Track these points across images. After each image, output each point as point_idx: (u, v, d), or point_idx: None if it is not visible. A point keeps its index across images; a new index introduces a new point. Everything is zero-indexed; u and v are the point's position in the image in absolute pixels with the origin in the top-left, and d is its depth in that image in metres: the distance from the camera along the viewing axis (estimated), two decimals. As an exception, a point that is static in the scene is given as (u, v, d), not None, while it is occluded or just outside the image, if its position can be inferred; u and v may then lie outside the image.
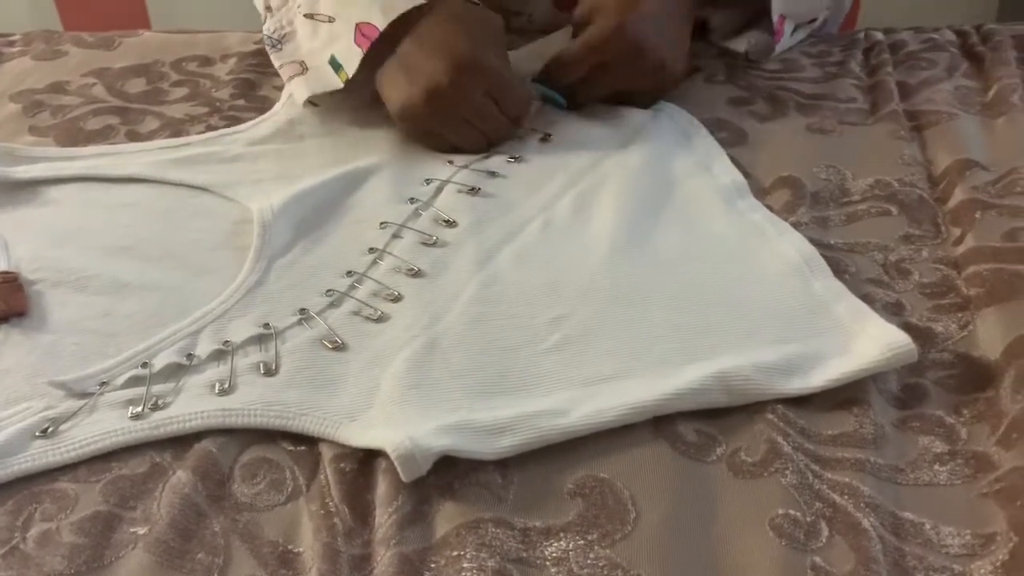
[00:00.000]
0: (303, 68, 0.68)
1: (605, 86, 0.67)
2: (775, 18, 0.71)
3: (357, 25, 0.64)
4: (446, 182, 0.62)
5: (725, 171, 0.63)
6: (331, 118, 0.69)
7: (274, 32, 0.69)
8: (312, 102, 0.68)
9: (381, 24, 0.62)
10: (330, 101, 0.68)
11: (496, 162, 0.64)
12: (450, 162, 0.64)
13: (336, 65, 0.65)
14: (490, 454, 0.43)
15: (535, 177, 0.63)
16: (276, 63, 0.69)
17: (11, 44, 0.84)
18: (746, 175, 0.63)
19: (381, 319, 0.52)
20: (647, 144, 0.65)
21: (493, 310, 0.52)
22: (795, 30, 0.77)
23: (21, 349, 0.51)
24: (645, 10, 0.64)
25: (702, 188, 0.61)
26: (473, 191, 0.61)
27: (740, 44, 0.77)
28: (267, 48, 0.70)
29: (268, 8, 0.71)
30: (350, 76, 0.64)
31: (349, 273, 0.55)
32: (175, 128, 0.71)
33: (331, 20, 0.65)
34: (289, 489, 0.44)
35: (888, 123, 0.67)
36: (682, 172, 0.63)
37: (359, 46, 0.63)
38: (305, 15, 0.67)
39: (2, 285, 0.54)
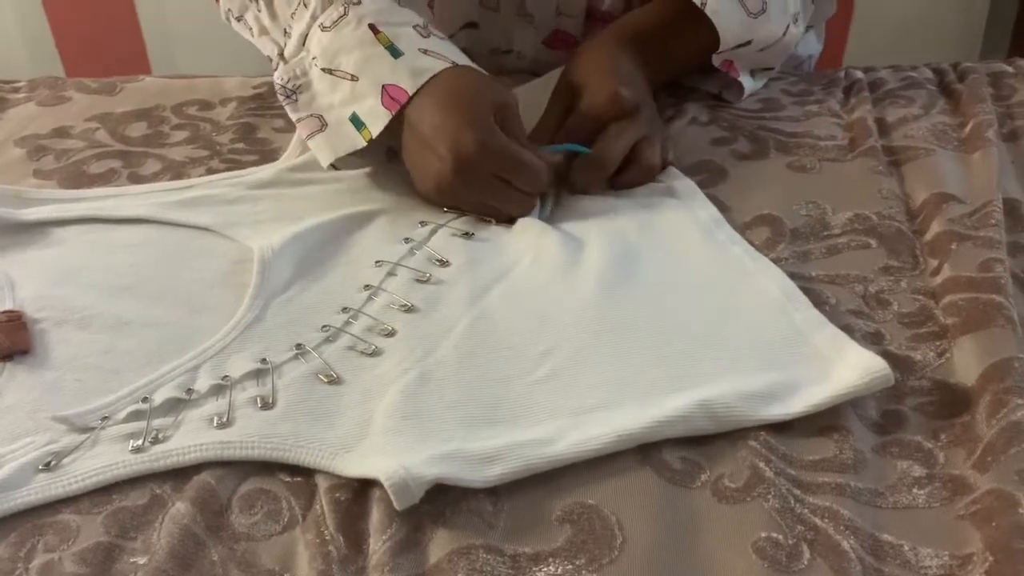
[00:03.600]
0: (322, 124, 0.67)
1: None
2: (716, 62, 0.74)
3: (384, 87, 0.64)
4: (440, 226, 0.64)
5: (701, 206, 0.64)
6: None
7: (287, 82, 0.69)
8: (334, 166, 0.67)
9: (410, 88, 0.63)
10: (349, 160, 0.67)
11: None
12: (446, 209, 0.66)
13: (358, 124, 0.65)
14: (481, 482, 0.44)
15: (526, 223, 0.64)
16: (292, 116, 0.68)
17: (16, 90, 0.87)
18: (725, 211, 0.64)
19: (375, 353, 0.53)
20: (625, 191, 0.67)
21: (484, 344, 0.53)
22: (753, 75, 0.79)
23: (25, 385, 0.52)
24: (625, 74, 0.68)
25: (682, 223, 0.63)
26: (467, 235, 0.63)
27: (712, 85, 0.79)
28: (280, 98, 0.69)
29: (281, 56, 0.71)
30: (374, 136, 0.64)
31: (344, 309, 0.57)
32: (176, 171, 0.73)
33: (354, 79, 0.65)
34: (286, 519, 0.45)
35: (867, 159, 0.69)
36: (661, 208, 0.65)
37: (387, 108, 0.63)
38: (323, 69, 0.66)
39: (6, 323, 0.55)
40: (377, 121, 0.64)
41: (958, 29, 1.58)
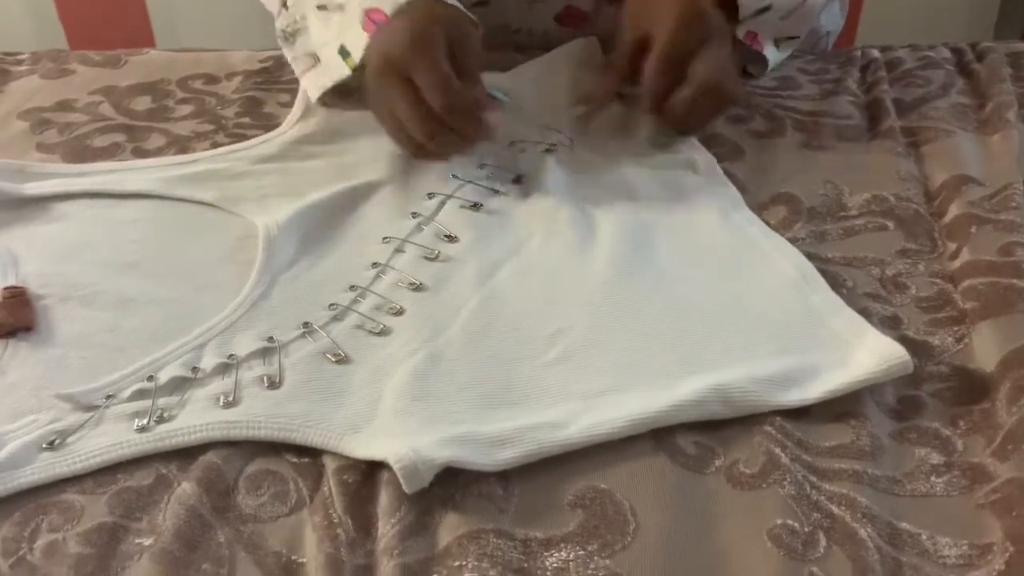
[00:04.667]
0: (315, 61, 0.68)
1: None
2: (740, 34, 0.72)
3: (365, 11, 0.63)
4: (448, 197, 0.63)
5: (720, 183, 0.63)
6: (336, 137, 0.70)
7: (287, 27, 0.70)
8: (325, 103, 0.68)
9: (389, 10, 0.62)
10: (344, 104, 0.68)
11: (499, 179, 0.65)
12: (455, 176, 0.65)
13: (345, 53, 0.65)
14: (491, 466, 0.44)
15: (537, 195, 0.63)
16: (288, 56, 0.70)
17: (19, 63, 0.85)
18: (743, 191, 0.63)
19: (384, 332, 0.52)
20: (645, 162, 0.66)
21: (494, 324, 0.52)
22: (778, 46, 0.76)
23: (28, 363, 0.51)
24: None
25: (699, 201, 0.62)
26: (475, 207, 0.62)
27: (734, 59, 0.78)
28: (279, 43, 0.71)
29: (284, 4, 0.72)
30: (356, 63, 0.64)
31: (352, 287, 0.56)
32: (181, 145, 0.72)
33: (342, 8, 0.65)
34: (293, 500, 0.44)
35: (885, 139, 0.68)
36: (679, 184, 0.64)
37: (366, 31, 0.63)
38: (318, 6, 0.67)
39: (10, 300, 0.54)
40: (358, 45, 0.63)
41: (971, 8, 1.57)
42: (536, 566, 0.40)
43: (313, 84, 0.67)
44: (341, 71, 0.65)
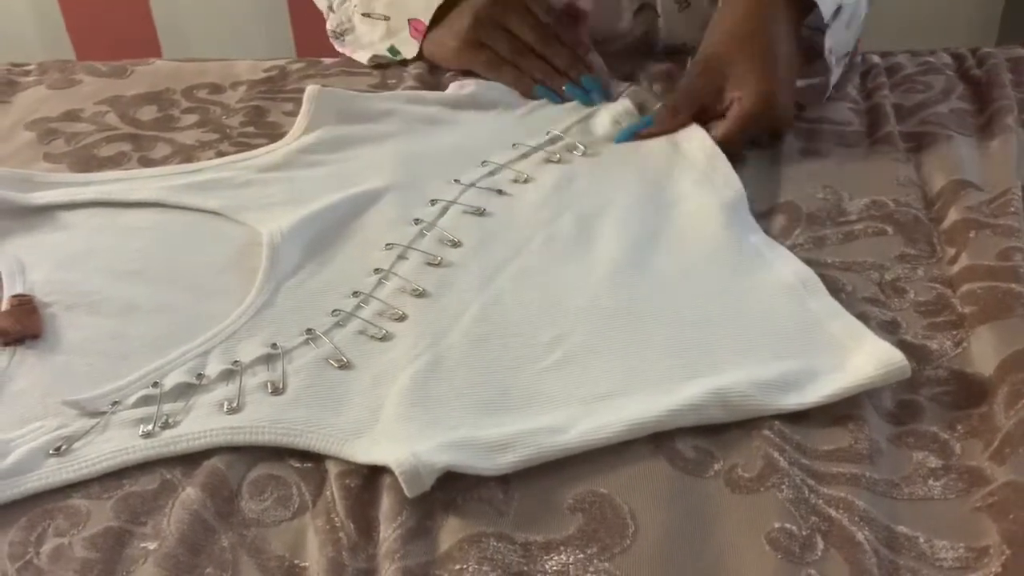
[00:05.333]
0: (363, 51, 0.85)
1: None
2: (829, 43, 0.71)
3: (410, 21, 0.81)
4: (451, 203, 0.64)
5: (726, 183, 0.63)
6: (340, 146, 0.70)
7: (336, 27, 0.87)
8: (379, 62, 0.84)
9: (426, 19, 0.79)
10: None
11: (503, 181, 0.66)
12: (456, 180, 0.65)
13: (395, 52, 0.83)
14: (492, 470, 0.44)
15: (540, 197, 0.64)
16: (338, 48, 0.88)
17: (26, 73, 0.86)
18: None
19: (386, 338, 0.53)
20: (653, 166, 0.66)
21: (496, 329, 0.53)
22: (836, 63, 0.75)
23: (35, 370, 0.52)
24: (781, 72, 0.68)
25: (702, 207, 0.62)
26: (478, 212, 0.63)
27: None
28: (332, 39, 0.88)
29: (331, 8, 0.88)
30: (407, 58, 0.83)
31: (355, 293, 0.56)
32: (186, 154, 0.72)
33: (387, 19, 0.82)
34: (296, 505, 0.45)
35: (884, 145, 0.69)
36: (684, 190, 0.64)
37: (414, 39, 0.81)
38: (363, 14, 0.84)
39: (17, 308, 0.55)
40: (409, 48, 0.82)
41: (975, 14, 1.57)
42: (536, 569, 0.41)
43: (363, 58, 0.85)
44: (390, 59, 0.84)
